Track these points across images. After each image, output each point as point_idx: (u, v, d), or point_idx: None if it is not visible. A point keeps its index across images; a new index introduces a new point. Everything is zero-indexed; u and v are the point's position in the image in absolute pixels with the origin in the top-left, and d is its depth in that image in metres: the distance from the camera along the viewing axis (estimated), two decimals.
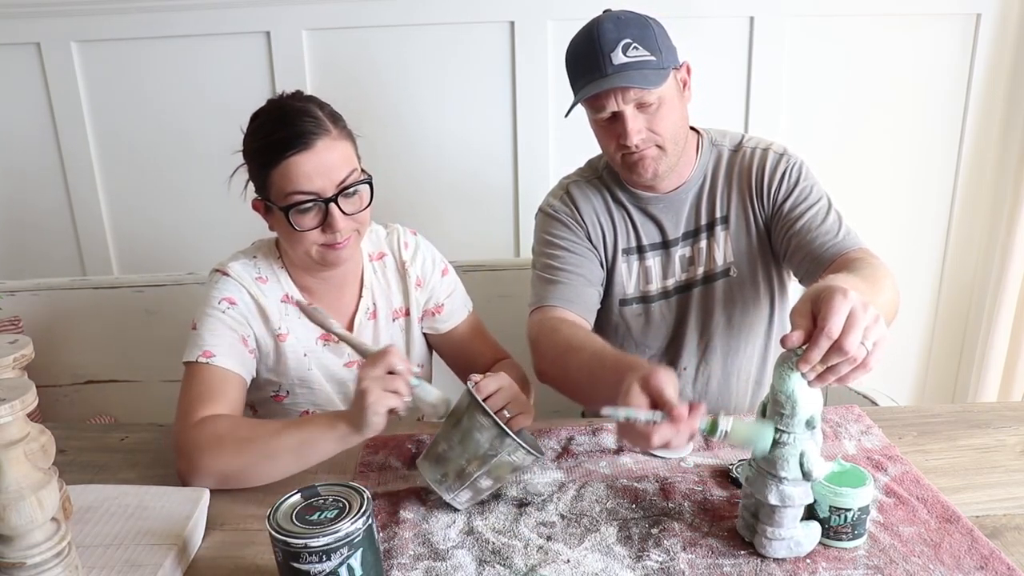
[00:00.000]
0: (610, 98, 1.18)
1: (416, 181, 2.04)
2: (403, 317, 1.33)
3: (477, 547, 0.88)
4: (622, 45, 1.17)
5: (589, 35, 1.19)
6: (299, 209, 1.11)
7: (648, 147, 1.22)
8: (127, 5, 1.90)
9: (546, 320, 1.23)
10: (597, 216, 1.33)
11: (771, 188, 1.29)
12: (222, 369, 1.11)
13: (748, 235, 1.32)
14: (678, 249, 1.34)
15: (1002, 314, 2.04)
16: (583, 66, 1.20)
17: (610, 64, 1.16)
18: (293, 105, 1.14)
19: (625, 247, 1.34)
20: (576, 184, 1.36)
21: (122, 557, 0.85)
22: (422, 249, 1.34)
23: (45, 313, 1.73)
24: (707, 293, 1.34)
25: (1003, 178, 2.02)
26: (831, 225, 1.23)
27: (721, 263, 1.33)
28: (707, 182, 1.33)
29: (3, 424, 0.67)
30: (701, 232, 1.33)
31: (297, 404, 1.27)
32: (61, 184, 2.07)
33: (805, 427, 0.82)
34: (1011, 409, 1.21)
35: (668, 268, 1.35)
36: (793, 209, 1.27)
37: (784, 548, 0.84)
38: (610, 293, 1.35)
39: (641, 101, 1.18)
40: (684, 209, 1.33)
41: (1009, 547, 0.86)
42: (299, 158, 1.10)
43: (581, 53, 1.20)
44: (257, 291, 1.20)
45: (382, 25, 1.92)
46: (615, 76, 1.16)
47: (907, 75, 1.98)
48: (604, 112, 1.20)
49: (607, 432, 1.14)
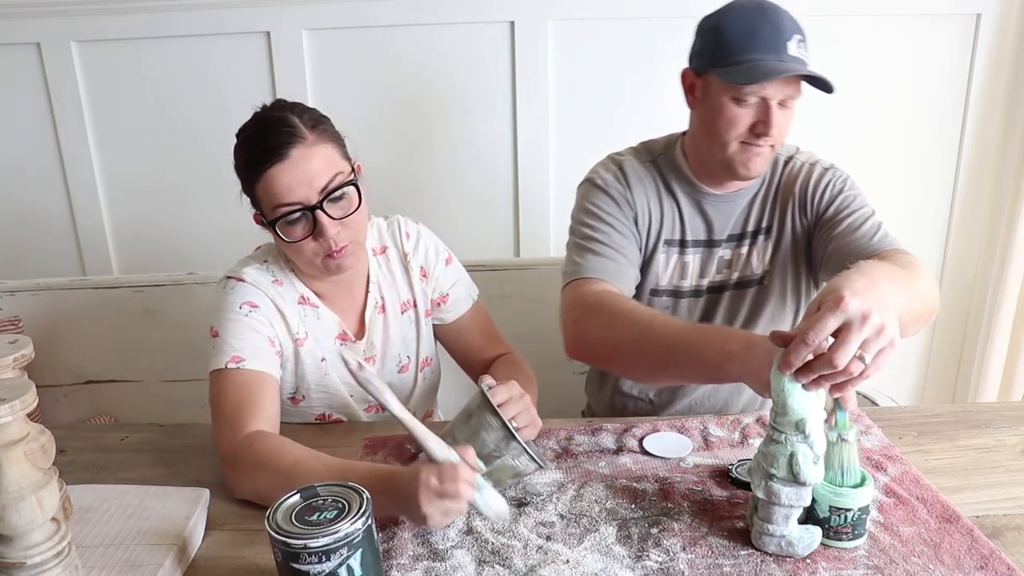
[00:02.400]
0: (776, 84, 1.14)
1: (416, 181, 2.04)
2: (411, 309, 1.32)
3: (476, 547, 0.88)
4: (797, 38, 1.15)
5: (766, 13, 1.15)
6: (286, 221, 1.10)
7: (769, 144, 1.19)
8: (127, 5, 1.90)
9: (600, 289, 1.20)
10: (648, 201, 1.30)
11: (814, 199, 1.28)
12: (254, 372, 1.10)
13: (785, 246, 1.31)
14: (720, 250, 1.32)
15: (1002, 314, 2.05)
16: (761, 39, 1.14)
17: (786, 52, 1.13)
18: (269, 116, 1.12)
19: (668, 238, 1.31)
20: (630, 163, 1.32)
21: (122, 557, 0.85)
22: (424, 238, 1.33)
23: (45, 313, 1.73)
24: (737, 298, 1.34)
25: (1003, 178, 2.02)
26: (869, 228, 1.21)
27: (757, 271, 1.32)
28: (761, 190, 1.32)
29: (3, 424, 0.67)
30: (746, 237, 1.32)
31: (313, 407, 1.26)
32: (61, 184, 2.07)
33: (795, 429, 0.82)
34: (1011, 409, 1.21)
35: (707, 267, 1.33)
36: (835, 216, 1.25)
37: (773, 544, 0.84)
38: (644, 281, 1.33)
39: (790, 98, 1.17)
40: (736, 212, 1.31)
41: (1009, 547, 0.86)
42: (276, 170, 1.08)
43: (758, 27, 1.15)
44: (275, 294, 1.18)
45: (382, 25, 1.92)
46: (792, 63, 1.13)
47: (907, 75, 1.98)
48: (755, 95, 1.15)
49: (607, 432, 1.14)
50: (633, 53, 1.94)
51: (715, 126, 1.20)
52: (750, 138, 1.19)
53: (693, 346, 1.06)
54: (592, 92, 1.97)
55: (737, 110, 1.17)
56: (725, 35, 1.17)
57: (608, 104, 1.98)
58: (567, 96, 1.98)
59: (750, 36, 1.14)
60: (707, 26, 1.21)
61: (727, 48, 1.16)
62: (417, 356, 1.34)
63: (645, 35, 1.93)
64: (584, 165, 1.36)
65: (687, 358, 1.06)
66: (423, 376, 1.35)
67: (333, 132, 1.16)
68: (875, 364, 0.78)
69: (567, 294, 1.24)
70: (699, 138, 1.26)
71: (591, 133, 2.00)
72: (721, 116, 1.19)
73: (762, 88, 1.14)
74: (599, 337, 1.17)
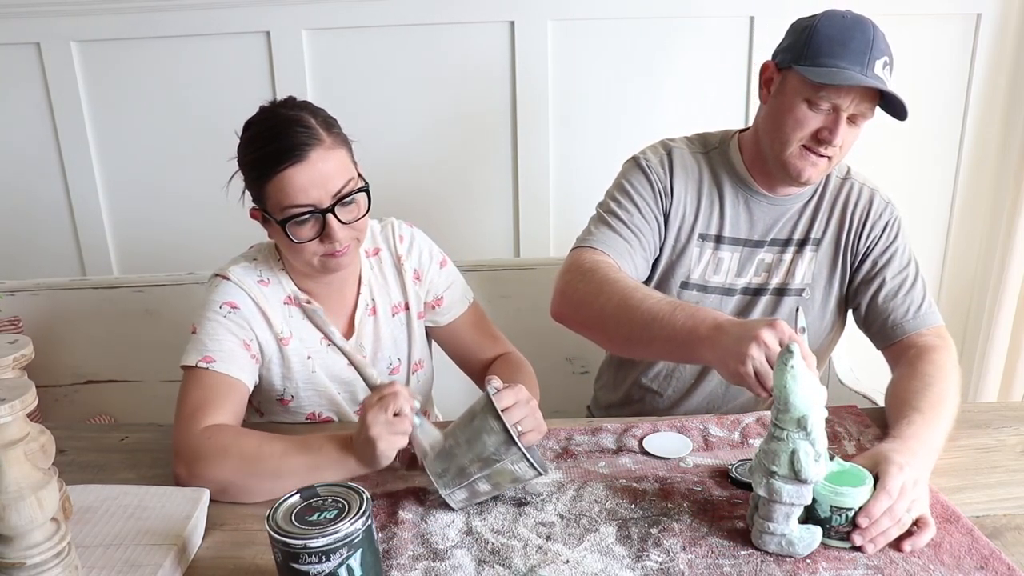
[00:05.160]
0: (851, 97, 1.14)
1: (416, 181, 2.04)
2: (403, 312, 1.32)
3: (476, 547, 0.88)
4: (884, 60, 1.15)
5: (862, 27, 1.16)
6: (296, 221, 1.10)
7: (829, 156, 1.20)
8: (127, 5, 1.90)
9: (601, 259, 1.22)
10: (687, 192, 1.30)
11: (871, 233, 1.29)
12: (222, 375, 1.11)
13: (833, 265, 1.31)
14: (761, 252, 1.32)
15: (1002, 314, 2.05)
16: (851, 50, 1.14)
17: (871, 69, 1.13)
18: (285, 114, 1.11)
19: (703, 232, 1.31)
20: (680, 152, 1.32)
21: (122, 557, 0.85)
22: (418, 241, 1.32)
23: (45, 313, 1.73)
24: (774, 305, 1.33)
25: (1003, 178, 2.02)
26: (917, 296, 1.24)
27: (799, 282, 1.32)
28: (813, 200, 1.32)
29: (3, 424, 0.67)
30: (791, 244, 1.32)
31: (302, 407, 1.26)
32: (61, 184, 2.07)
33: (796, 426, 0.82)
34: (1011, 409, 1.21)
35: (745, 266, 1.32)
36: (886, 264, 1.27)
37: (774, 543, 0.85)
38: (675, 273, 1.32)
39: (861, 115, 1.17)
40: (784, 217, 1.31)
41: (1009, 547, 0.86)
42: (293, 171, 1.08)
43: (850, 37, 1.15)
44: (259, 294, 1.18)
45: (382, 25, 1.92)
46: (874, 80, 1.13)
47: (907, 75, 1.97)
48: (828, 102, 1.15)
49: (606, 432, 1.14)
50: (633, 53, 1.94)
51: (782, 123, 1.20)
52: (812, 144, 1.19)
53: (669, 323, 1.07)
54: (592, 92, 1.97)
55: (808, 112, 1.17)
56: (817, 36, 1.17)
57: (608, 104, 1.98)
58: (567, 96, 1.98)
59: (841, 44, 1.15)
60: (800, 26, 1.22)
61: (816, 49, 1.16)
62: (409, 358, 1.34)
63: (645, 35, 1.93)
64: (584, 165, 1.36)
65: (661, 334, 1.07)
66: (416, 379, 1.35)
67: (344, 136, 1.16)
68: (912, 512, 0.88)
69: (569, 258, 1.26)
70: (762, 133, 1.26)
71: (591, 133, 2.00)
72: (791, 114, 1.19)
73: (838, 95, 1.15)
74: (584, 300, 1.18)
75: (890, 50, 1.17)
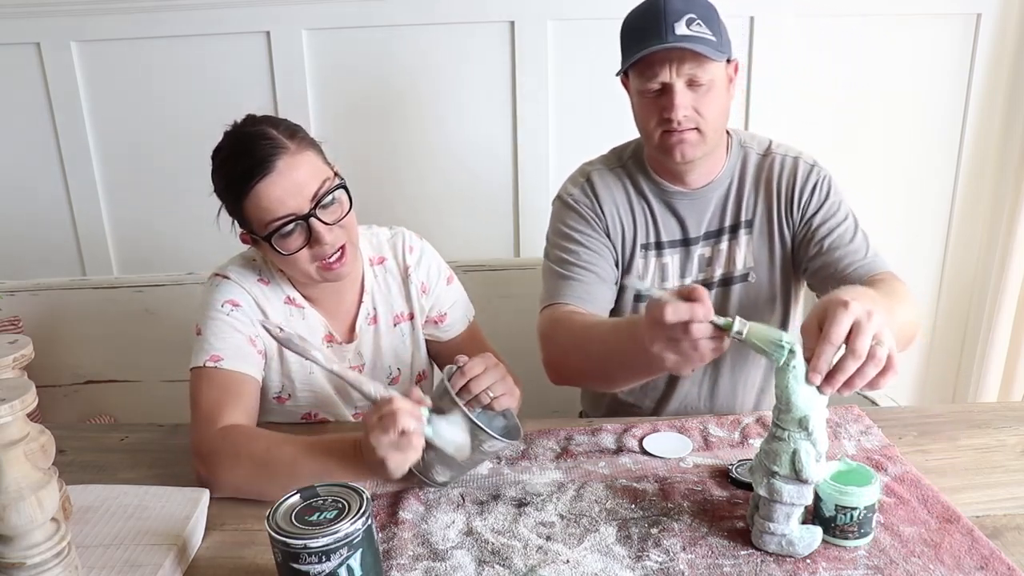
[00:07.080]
0: (665, 67, 1.15)
1: (416, 181, 2.04)
2: (406, 322, 1.31)
3: (476, 547, 0.88)
4: (687, 18, 1.15)
5: (655, 3, 1.17)
6: (281, 234, 1.09)
7: (689, 128, 1.19)
8: (127, 5, 1.90)
9: (559, 314, 1.23)
10: (617, 208, 1.31)
11: (801, 199, 1.28)
12: (232, 372, 1.11)
13: (771, 243, 1.31)
14: (698, 248, 1.32)
15: (1002, 314, 2.05)
16: (643, 32, 1.17)
17: (672, 33, 1.14)
18: (247, 132, 1.12)
19: (644, 242, 1.32)
20: (599, 172, 1.33)
21: (122, 557, 0.85)
22: (427, 255, 1.32)
23: (45, 313, 1.73)
24: (722, 296, 1.33)
25: (1003, 178, 2.02)
26: (858, 245, 1.24)
27: (740, 267, 1.32)
28: (734, 183, 1.32)
29: (3, 424, 0.67)
30: (723, 233, 1.32)
31: (299, 407, 1.26)
32: (61, 184, 2.07)
33: (798, 426, 0.82)
34: (1011, 409, 1.21)
35: (686, 266, 1.33)
36: (822, 224, 1.27)
37: (774, 543, 0.85)
38: (626, 289, 1.33)
39: (694, 78, 1.16)
40: (709, 208, 1.31)
41: (1009, 547, 0.86)
42: (264, 184, 1.07)
43: (642, 20, 1.18)
44: (259, 292, 1.19)
45: (382, 25, 1.92)
46: (679, 43, 1.14)
47: (907, 75, 1.98)
48: (654, 81, 1.17)
49: (606, 432, 1.14)
50: None
51: (639, 121, 1.25)
52: (664, 125, 1.20)
53: (616, 348, 1.08)
54: (592, 92, 1.97)
55: (647, 101, 1.21)
56: (623, 35, 1.22)
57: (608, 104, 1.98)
58: (567, 96, 1.98)
59: (639, 28, 1.19)
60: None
61: (626, 46, 1.22)
62: (412, 369, 1.33)
63: None
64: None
65: (620, 362, 1.10)
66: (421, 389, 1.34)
67: (311, 139, 1.15)
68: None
69: (538, 324, 1.27)
70: (641, 139, 1.30)
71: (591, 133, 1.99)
72: (639, 111, 1.24)
73: (652, 72, 1.17)
74: (561, 361, 1.22)
75: (695, 5, 1.16)
